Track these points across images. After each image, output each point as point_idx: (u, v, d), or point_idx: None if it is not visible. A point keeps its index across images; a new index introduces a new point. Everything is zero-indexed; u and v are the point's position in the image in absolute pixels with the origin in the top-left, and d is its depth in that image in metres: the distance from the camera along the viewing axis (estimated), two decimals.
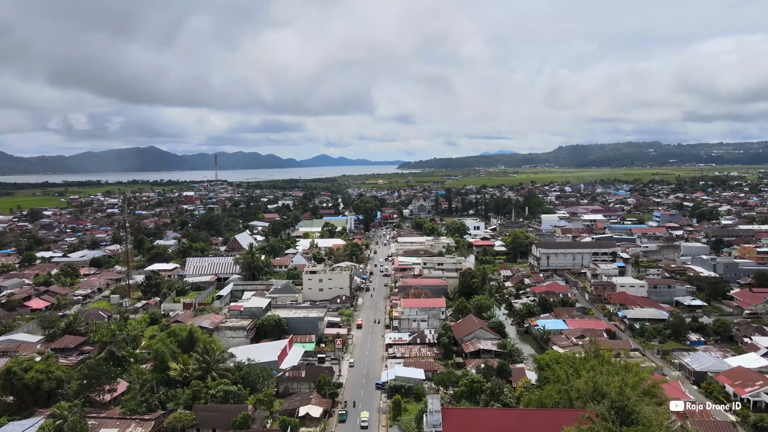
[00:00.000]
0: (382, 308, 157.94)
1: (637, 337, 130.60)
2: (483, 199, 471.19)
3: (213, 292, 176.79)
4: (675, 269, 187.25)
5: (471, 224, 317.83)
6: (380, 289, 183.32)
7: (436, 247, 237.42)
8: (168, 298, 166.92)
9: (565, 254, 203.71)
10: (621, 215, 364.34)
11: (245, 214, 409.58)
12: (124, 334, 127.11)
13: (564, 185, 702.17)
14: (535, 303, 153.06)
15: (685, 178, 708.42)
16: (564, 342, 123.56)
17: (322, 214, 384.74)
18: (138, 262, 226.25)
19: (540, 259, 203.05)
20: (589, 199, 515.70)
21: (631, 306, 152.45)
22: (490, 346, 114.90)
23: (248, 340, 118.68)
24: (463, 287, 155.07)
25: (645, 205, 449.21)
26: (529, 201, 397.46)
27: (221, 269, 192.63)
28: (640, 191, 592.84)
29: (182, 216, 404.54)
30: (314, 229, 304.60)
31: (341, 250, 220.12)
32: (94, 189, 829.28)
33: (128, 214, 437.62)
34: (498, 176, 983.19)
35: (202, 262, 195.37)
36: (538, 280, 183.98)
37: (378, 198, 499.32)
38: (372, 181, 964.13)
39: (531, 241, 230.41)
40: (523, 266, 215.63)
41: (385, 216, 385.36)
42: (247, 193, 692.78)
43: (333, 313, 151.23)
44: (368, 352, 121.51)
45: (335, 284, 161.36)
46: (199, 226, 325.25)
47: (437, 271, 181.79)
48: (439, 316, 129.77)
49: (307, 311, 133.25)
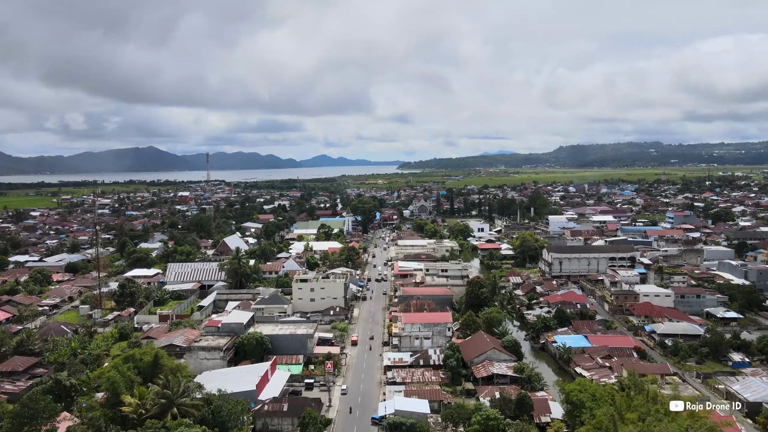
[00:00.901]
0: (380, 321, 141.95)
1: (670, 357, 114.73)
2: (486, 199, 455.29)
3: (195, 302, 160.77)
4: (702, 276, 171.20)
5: (475, 226, 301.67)
6: (378, 297, 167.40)
7: (439, 250, 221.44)
8: (143, 308, 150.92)
9: (579, 259, 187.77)
10: (631, 216, 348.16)
11: (239, 215, 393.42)
12: (85, 353, 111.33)
13: (567, 185, 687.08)
14: (550, 315, 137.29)
15: (691, 179, 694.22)
16: (588, 363, 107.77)
17: (319, 215, 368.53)
18: (118, 267, 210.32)
19: (552, 265, 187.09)
20: (594, 200, 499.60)
21: (658, 318, 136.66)
22: (504, 369, 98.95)
23: (225, 362, 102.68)
24: (470, 298, 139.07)
25: (654, 205, 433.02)
26: (534, 201, 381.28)
27: (205, 276, 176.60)
28: (647, 191, 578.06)
29: (173, 217, 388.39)
30: (310, 231, 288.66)
31: (336, 255, 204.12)
32: (89, 189, 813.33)
33: (118, 216, 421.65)
34: (499, 176, 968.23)
35: (184, 267, 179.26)
36: (552, 288, 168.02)
37: (377, 198, 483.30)
38: (372, 181, 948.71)
39: (541, 245, 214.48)
40: (532, 272, 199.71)
41: (384, 217, 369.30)
42: (244, 193, 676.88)
43: (325, 325, 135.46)
44: (364, 376, 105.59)
45: (328, 294, 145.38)
46: (190, 228, 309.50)
47: (441, 278, 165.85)
48: (444, 332, 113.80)
49: (295, 327, 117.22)
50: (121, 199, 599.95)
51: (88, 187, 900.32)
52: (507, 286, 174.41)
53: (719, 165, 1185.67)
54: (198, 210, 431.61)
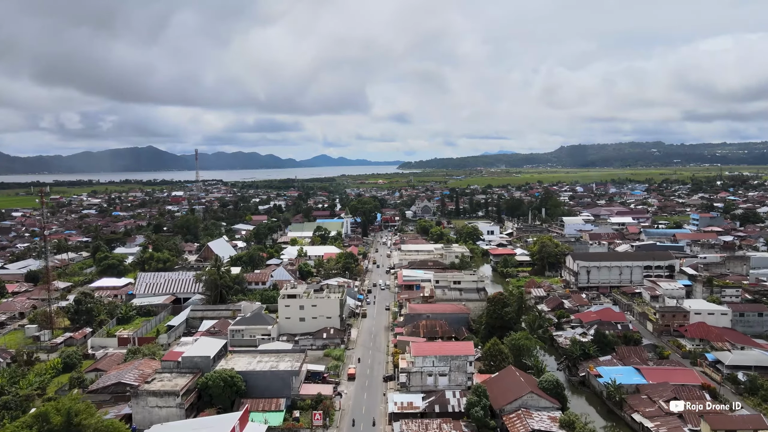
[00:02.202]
0: (382, 345, 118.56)
1: (747, 396, 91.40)
2: (493, 199, 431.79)
3: (166, 319, 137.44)
4: (756, 289, 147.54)
5: (484, 228, 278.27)
6: (381, 313, 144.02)
7: (448, 256, 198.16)
8: (103, 328, 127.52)
9: (609, 268, 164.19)
10: (651, 218, 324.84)
11: (230, 216, 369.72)
12: (14, 391, 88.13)
13: (574, 185, 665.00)
14: (587, 338, 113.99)
15: (700, 178, 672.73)
16: (649, 408, 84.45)
17: (316, 216, 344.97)
18: (86, 276, 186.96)
19: (579, 274, 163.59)
20: (605, 200, 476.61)
21: (717, 342, 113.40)
22: (548, 423, 75.52)
23: (183, 411, 79.21)
24: (492, 318, 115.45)
25: (670, 206, 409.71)
26: (545, 202, 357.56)
27: (180, 287, 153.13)
28: (658, 191, 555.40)
29: (162, 218, 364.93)
30: (305, 234, 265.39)
31: (333, 262, 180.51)
32: (83, 189, 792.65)
33: (103, 217, 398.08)
34: (501, 176, 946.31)
35: (156, 278, 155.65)
36: (581, 302, 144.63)
37: (378, 198, 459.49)
38: (372, 180, 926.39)
39: (561, 251, 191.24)
40: (554, 281, 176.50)
41: (385, 218, 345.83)
42: (240, 193, 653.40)
43: (317, 351, 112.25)
44: (363, 426, 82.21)
45: (321, 312, 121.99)
46: (175, 230, 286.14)
47: (453, 291, 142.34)
48: (465, 368, 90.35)
49: (278, 359, 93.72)
50: (111, 199, 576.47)
51: (83, 186, 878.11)
52: (528, 298, 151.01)
53: (723, 165, 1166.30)
54: (188, 210, 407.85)
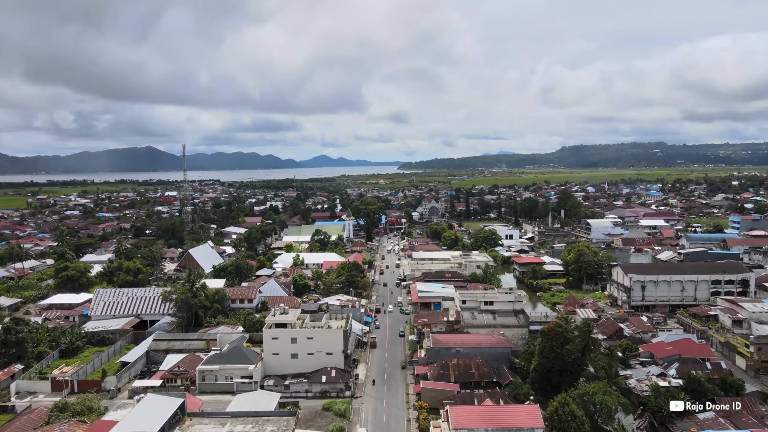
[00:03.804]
0: (400, 391, 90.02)
1: None
2: (506, 200, 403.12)
3: (123, 350, 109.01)
4: None
5: (501, 231, 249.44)
6: (394, 341, 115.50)
7: (467, 266, 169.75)
8: (33, 368, 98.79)
9: (669, 282, 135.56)
10: (680, 219, 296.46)
11: (222, 217, 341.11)
12: None
13: (584, 185, 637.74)
14: (668, 380, 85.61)
15: (714, 178, 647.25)
16: None
17: (314, 218, 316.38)
18: (42, 289, 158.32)
19: (631, 290, 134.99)
20: (622, 200, 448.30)
21: None
22: None
23: None
24: (547, 358, 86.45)
25: (695, 207, 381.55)
26: (564, 203, 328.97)
27: (147, 307, 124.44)
28: (675, 191, 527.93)
29: (147, 219, 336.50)
30: (302, 238, 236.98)
31: (334, 274, 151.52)
32: (76, 188, 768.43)
33: (85, 218, 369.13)
34: (504, 176, 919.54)
35: (117, 295, 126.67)
36: (644, 327, 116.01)
37: (381, 199, 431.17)
38: (373, 181, 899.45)
39: (602, 260, 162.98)
40: (596, 296, 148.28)
41: (390, 220, 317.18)
42: (236, 193, 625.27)
43: (313, 401, 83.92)
44: None
45: (320, 347, 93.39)
46: (158, 234, 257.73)
47: (485, 314, 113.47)
48: None
49: (256, 429, 65.07)
50: (100, 200, 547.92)
51: (76, 186, 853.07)
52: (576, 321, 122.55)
53: (728, 165, 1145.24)
54: (178, 211, 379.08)
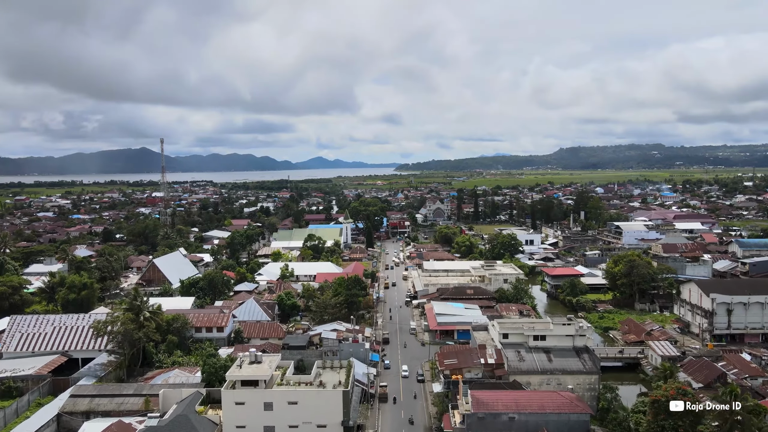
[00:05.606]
0: None
1: None
2: (516, 201, 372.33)
3: (33, 405, 77.55)
4: None
5: (520, 236, 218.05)
6: (410, 388, 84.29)
7: (493, 280, 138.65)
8: None
9: (763, 305, 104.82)
10: (716, 222, 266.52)
11: (207, 219, 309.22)
12: None
13: (590, 185, 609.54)
14: None
15: (725, 179, 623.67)
16: None
17: (308, 221, 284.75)
18: None
19: (714, 314, 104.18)
20: (639, 202, 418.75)
21: None
22: None
23: None
24: None
25: (722, 209, 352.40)
26: (584, 204, 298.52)
27: (78, 340, 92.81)
28: (690, 192, 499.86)
29: (124, 222, 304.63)
30: (293, 244, 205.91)
31: (329, 292, 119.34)
32: (62, 189, 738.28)
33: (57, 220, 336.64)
34: (503, 177, 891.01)
35: (39, 326, 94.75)
36: (751, 370, 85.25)
37: (381, 200, 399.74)
38: (370, 182, 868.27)
39: (660, 272, 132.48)
40: (657, 319, 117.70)
41: (392, 223, 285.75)
42: (227, 195, 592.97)
43: None
44: None
45: (307, 416, 62.18)
46: (129, 239, 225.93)
47: (535, 353, 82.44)
48: None
49: None
50: (81, 201, 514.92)
51: (64, 187, 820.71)
52: (640, 356, 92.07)
53: (727, 167, 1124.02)
54: (159, 214, 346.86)
